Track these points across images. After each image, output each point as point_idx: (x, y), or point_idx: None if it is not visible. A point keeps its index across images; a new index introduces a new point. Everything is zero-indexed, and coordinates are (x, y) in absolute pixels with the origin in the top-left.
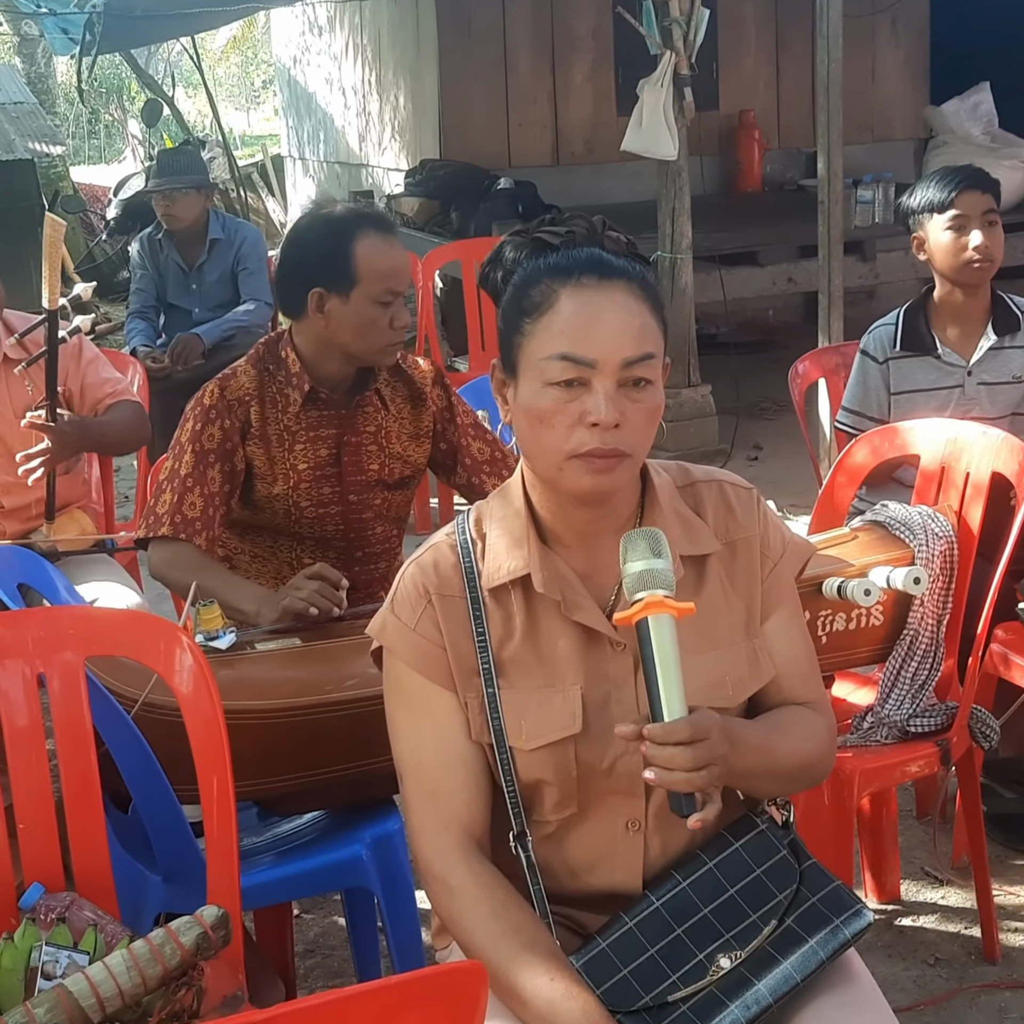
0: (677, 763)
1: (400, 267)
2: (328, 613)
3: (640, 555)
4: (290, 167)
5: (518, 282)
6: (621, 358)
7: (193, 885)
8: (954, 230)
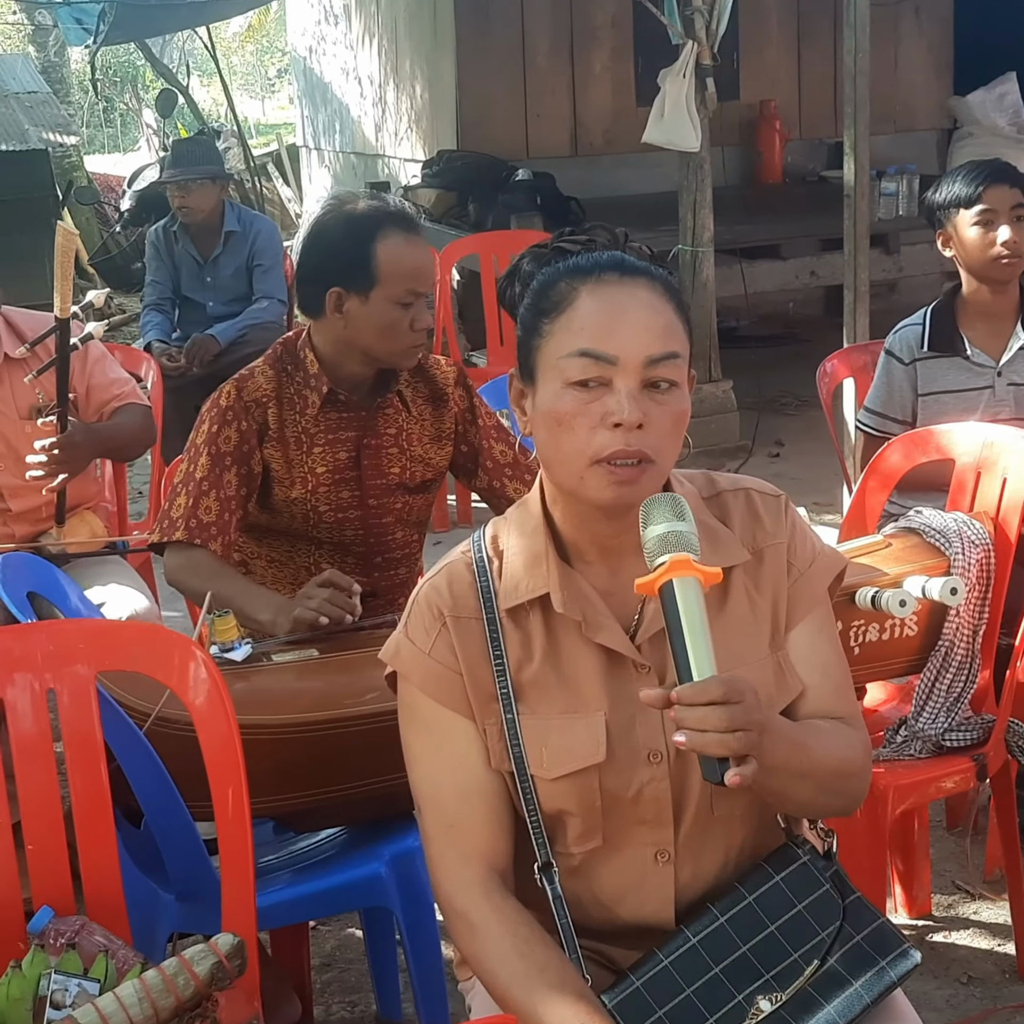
0: (710, 723)
1: (423, 267)
2: (340, 621)
3: (662, 518)
4: (305, 157)
5: (536, 287)
6: (645, 355)
7: (207, 904)
8: (981, 225)
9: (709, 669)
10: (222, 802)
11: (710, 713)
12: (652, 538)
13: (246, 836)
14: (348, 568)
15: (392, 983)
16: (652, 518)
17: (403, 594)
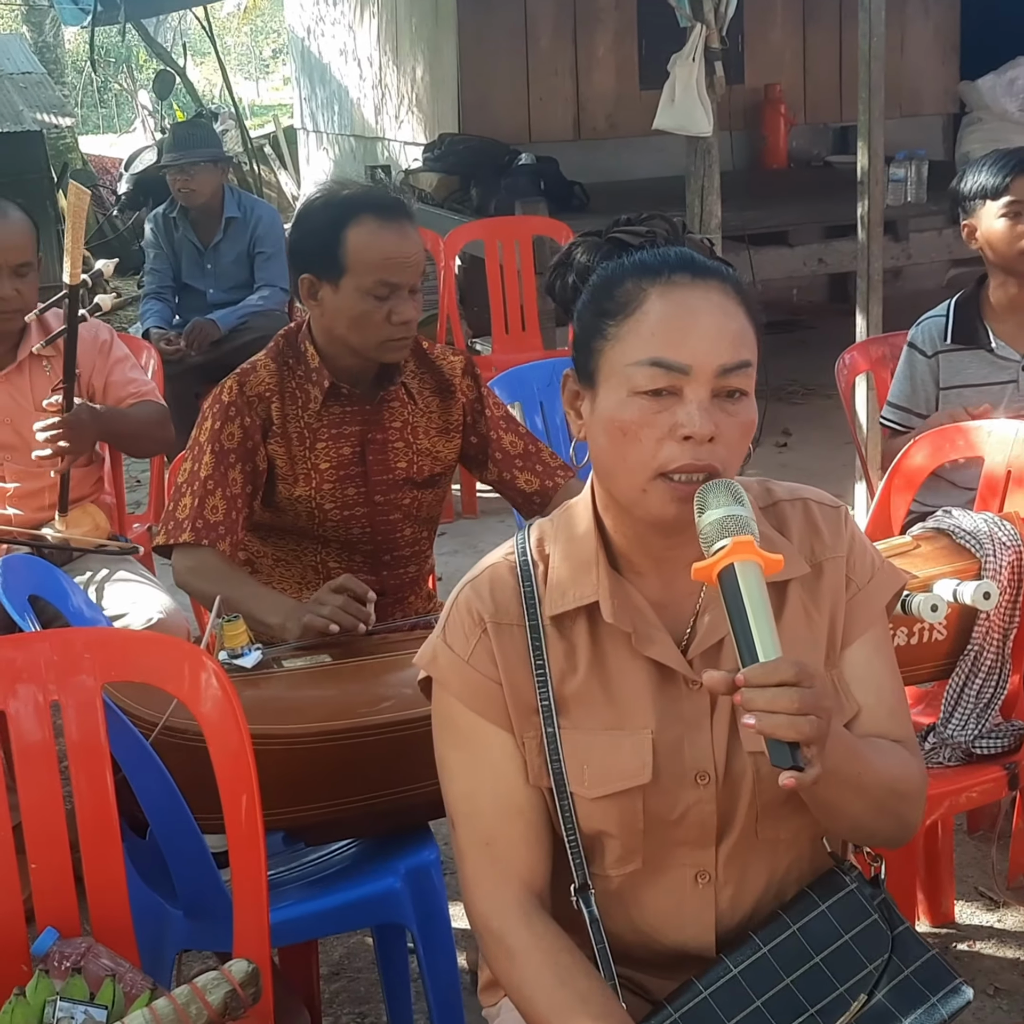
0: (781, 705)
1: (398, 258)
2: (353, 630)
3: (720, 502)
4: (303, 139)
5: (598, 282)
6: (717, 364)
7: (216, 921)
8: (1009, 217)
9: (775, 651)
10: (234, 816)
11: (781, 694)
12: (710, 522)
13: (259, 851)
14: (356, 567)
15: (404, 994)
16: (709, 503)
17: (413, 592)
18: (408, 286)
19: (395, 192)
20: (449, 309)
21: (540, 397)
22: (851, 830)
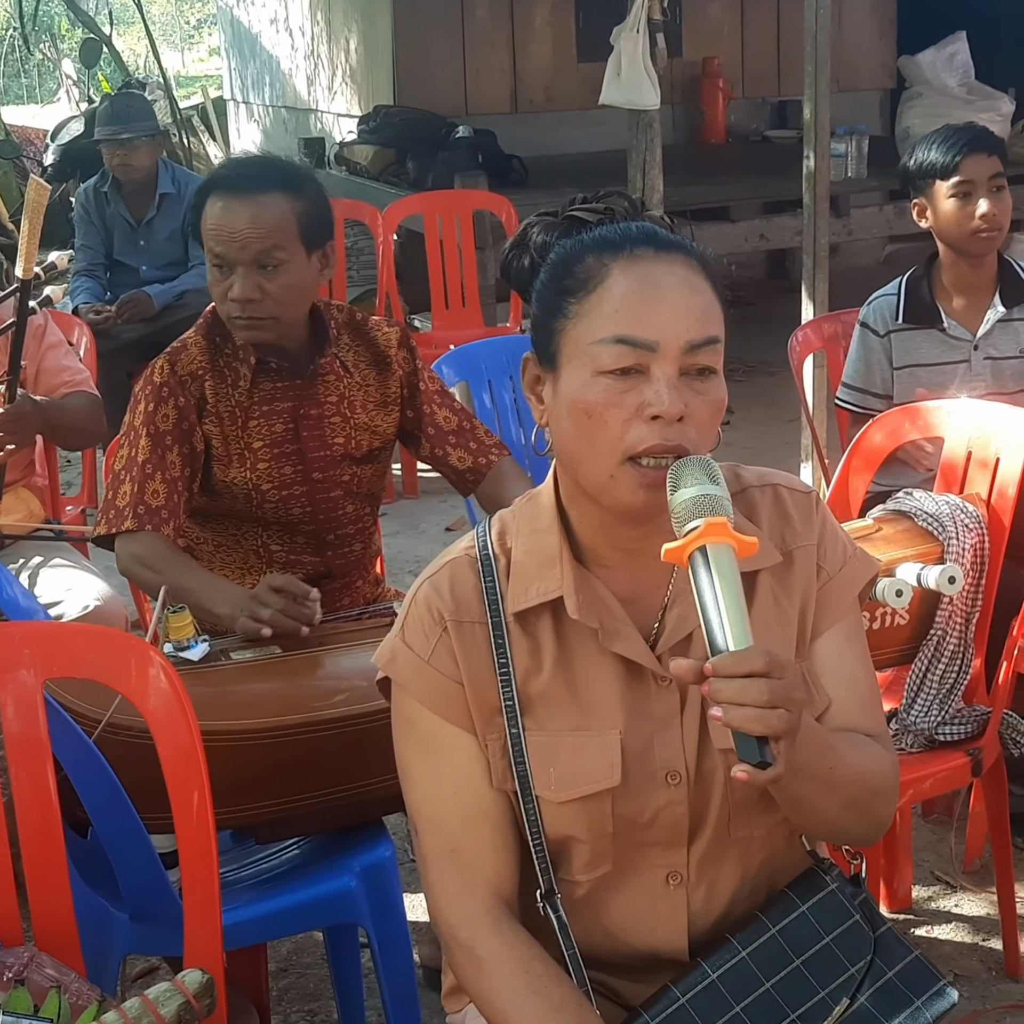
0: (750, 697)
1: (226, 229)
2: (295, 633)
3: (694, 480)
4: (233, 111)
5: (556, 260)
6: (685, 340)
7: (164, 924)
8: (959, 198)
9: (746, 640)
10: (184, 816)
11: (750, 685)
12: (683, 501)
13: (211, 852)
14: (299, 548)
15: (355, 991)
16: (682, 480)
17: (361, 576)
18: (245, 262)
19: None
20: (388, 284)
21: (488, 375)
22: (822, 827)
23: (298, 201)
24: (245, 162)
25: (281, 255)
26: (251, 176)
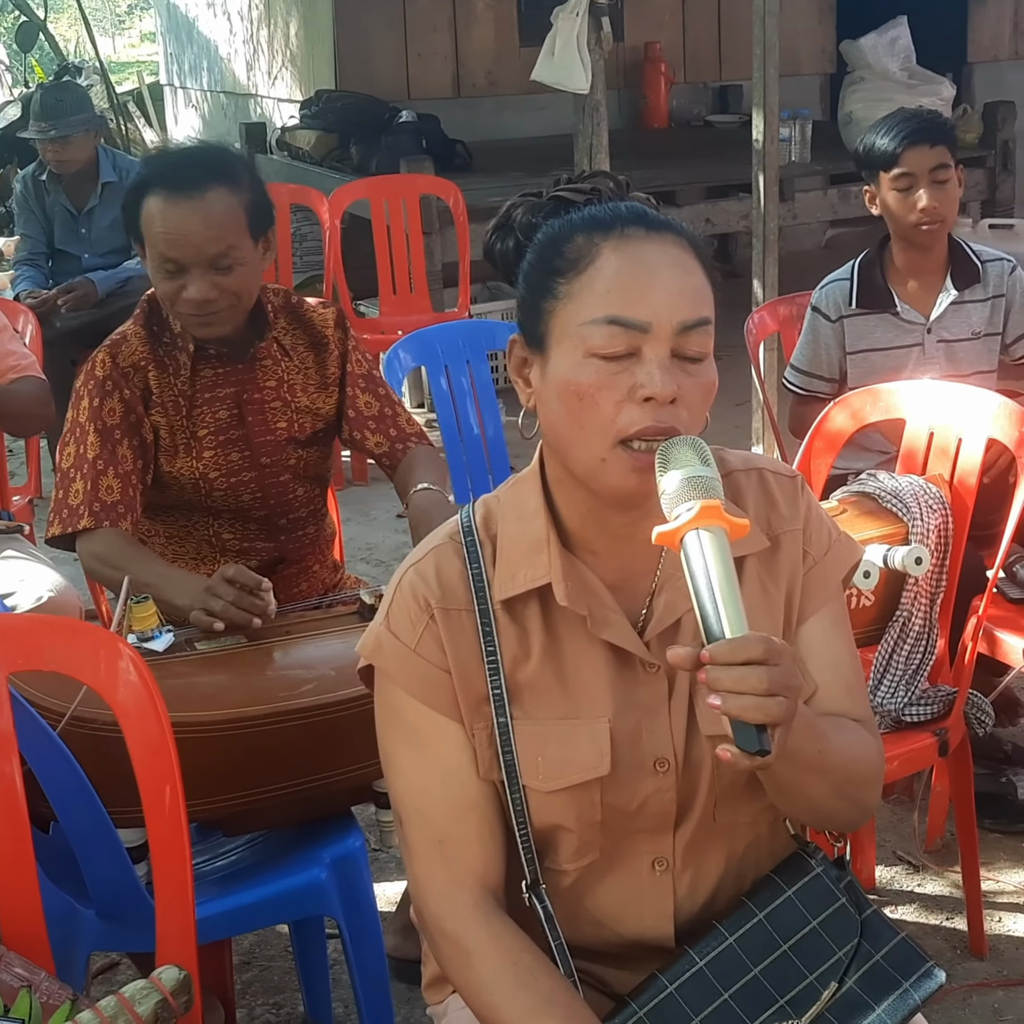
0: (749, 685)
1: (178, 234)
2: (247, 625)
3: (684, 461)
4: (170, 96)
5: (544, 240)
6: (678, 321)
7: (132, 920)
8: (899, 190)
9: (741, 627)
10: (156, 809)
11: (749, 673)
12: (675, 482)
13: (183, 846)
14: (252, 535)
15: (321, 983)
16: (672, 462)
17: (317, 561)
18: (200, 264)
19: (230, 154)
20: (335, 270)
21: (445, 360)
22: (809, 812)
23: (242, 193)
24: (180, 155)
25: (236, 254)
26: (190, 171)
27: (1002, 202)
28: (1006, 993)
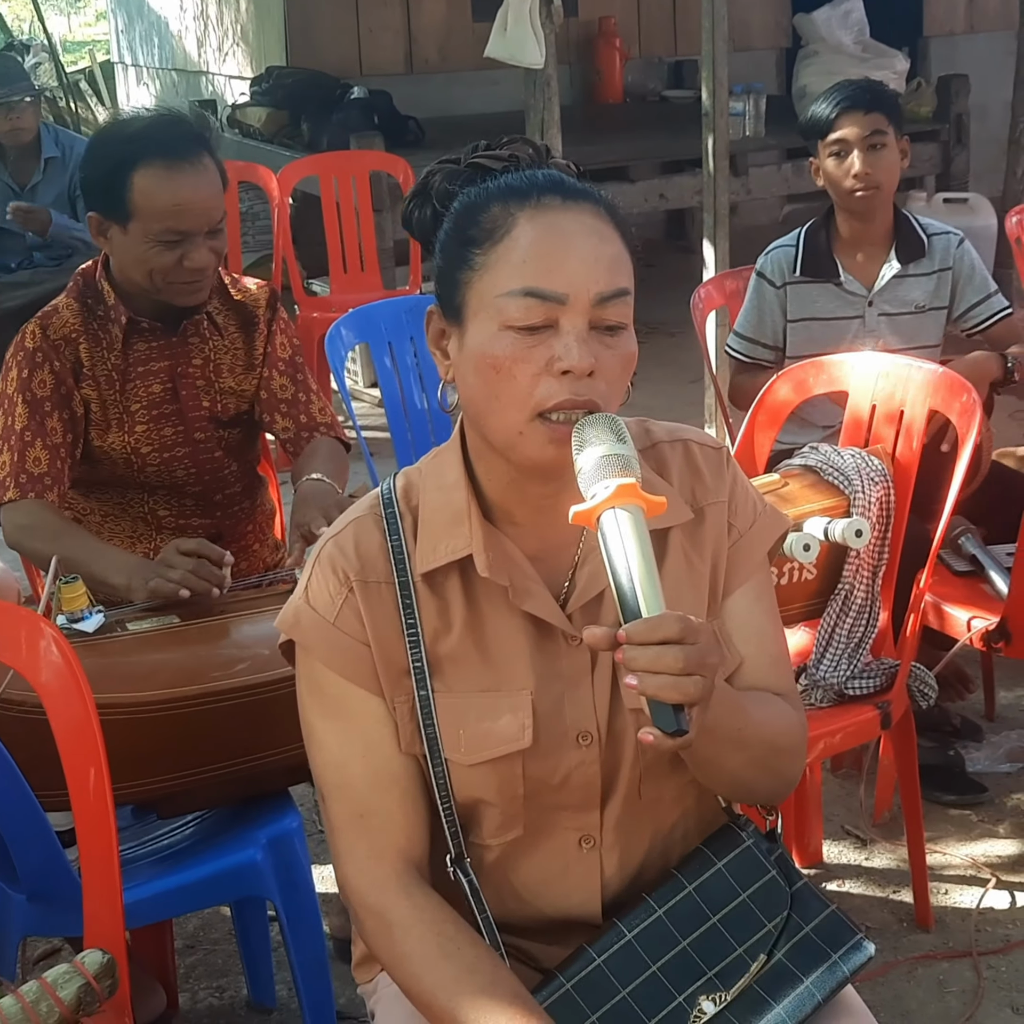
0: (664, 664)
1: (185, 204)
2: (207, 595)
3: (601, 439)
4: (121, 74)
5: (461, 209)
6: (595, 292)
7: (63, 904)
8: (835, 156)
9: (659, 606)
10: (81, 792)
11: (664, 653)
12: (591, 461)
13: (109, 828)
14: (188, 511)
15: (264, 965)
16: (588, 440)
17: (254, 535)
18: (202, 231)
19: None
20: (285, 248)
21: (388, 337)
22: (730, 786)
23: (215, 157)
24: (163, 127)
25: (223, 220)
26: (183, 141)
27: (956, 176)
28: (951, 965)
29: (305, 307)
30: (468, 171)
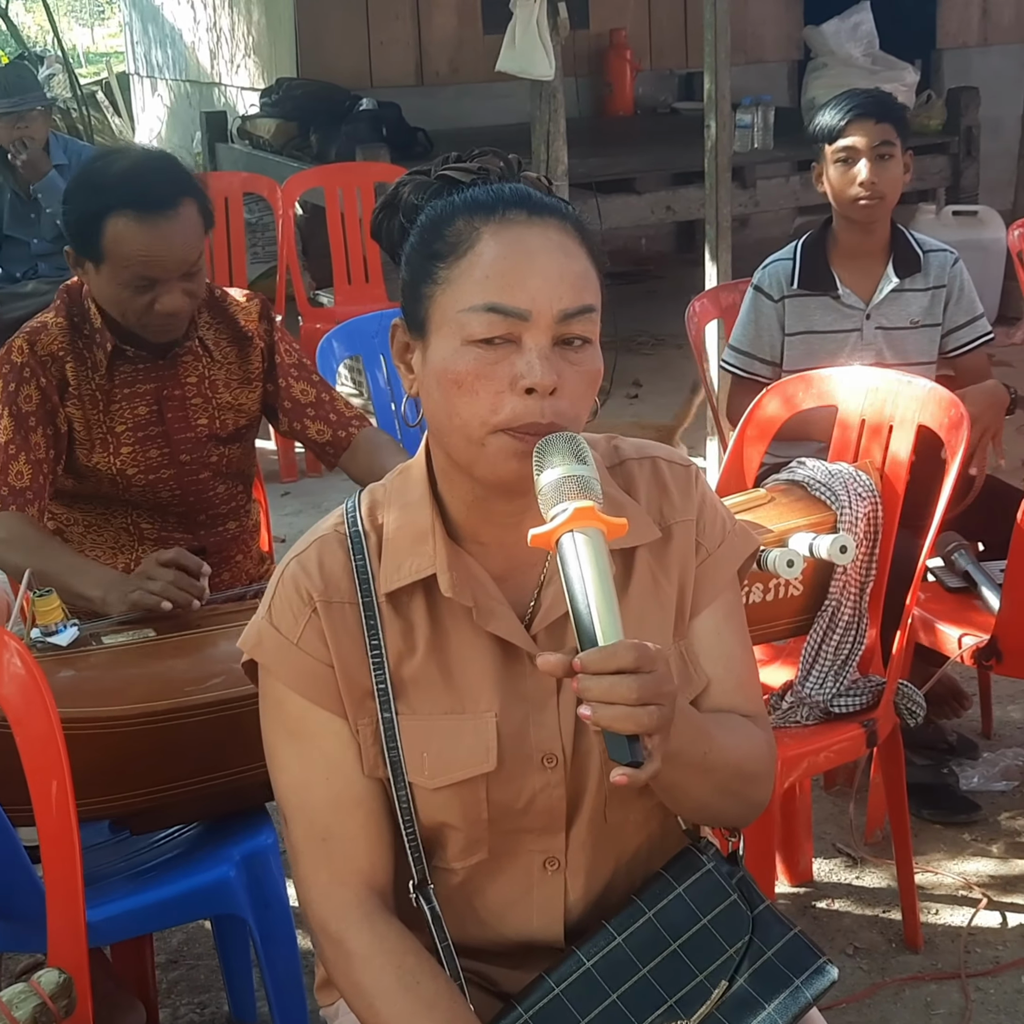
0: (618, 695)
1: (157, 254)
2: (187, 606)
3: (561, 460)
4: (137, 85)
5: (426, 222)
6: (558, 309)
7: (31, 921)
8: (842, 162)
9: (616, 634)
10: (44, 807)
11: (618, 683)
12: (548, 483)
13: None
14: (170, 527)
15: (245, 981)
16: (548, 461)
17: (241, 552)
18: (174, 276)
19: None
20: (289, 260)
21: (381, 349)
22: (695, 811)
23: (199, 201)
24: (139, 171)
25: (200, 261)
26: (159, 188)
27: (966, 189)
28: (939, 986)
29: (308, 318)
30: (437, 183)
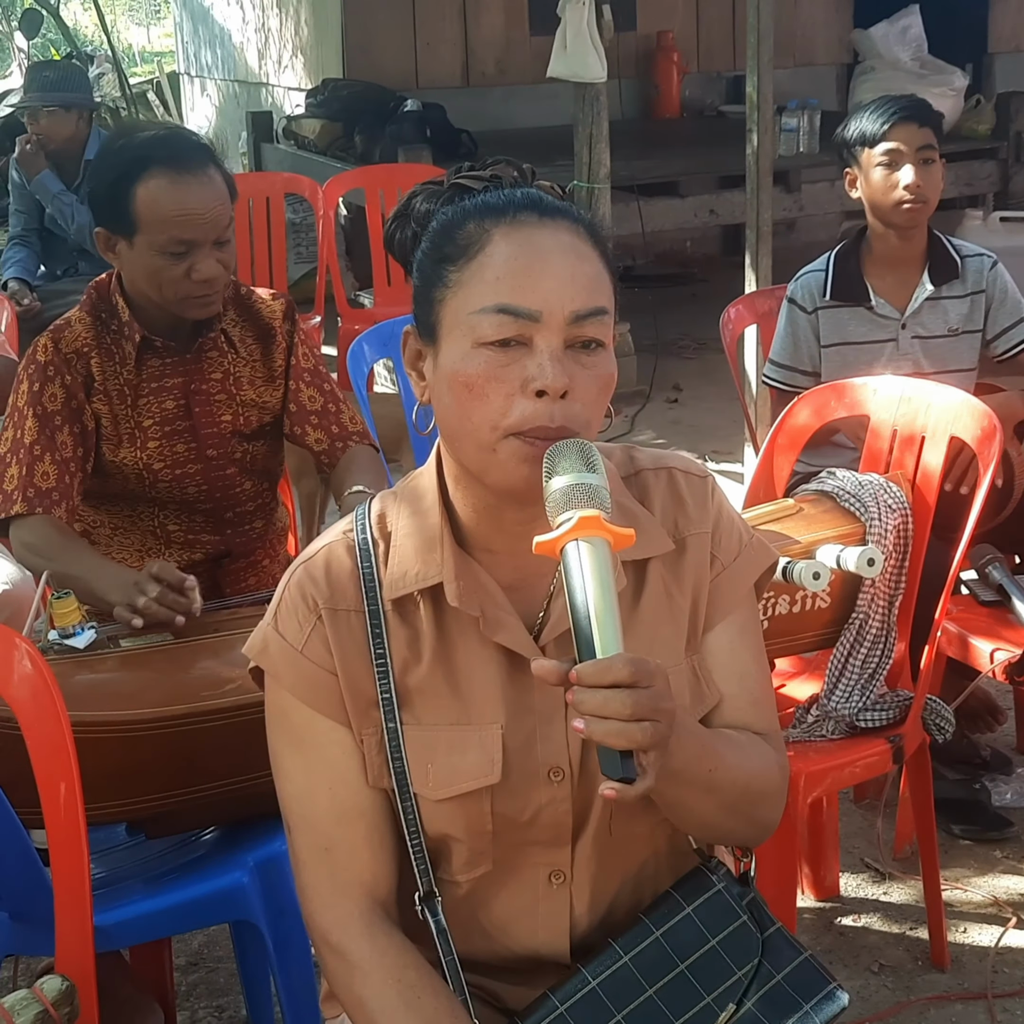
0: (611, 710)
1: (192, 214)
2: (170, 623)
3: (570, 467)
4: (186, 86)
5: (437, 227)
6: (570, 311)
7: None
8: (885, 166)
9: (615, 646)
10: (53, 809)
11: (612, 698)
12: (557, 490)
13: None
14: (197, 527)
15: (263, 987)
16: (558, 467)
17: (264, 551)
18: (209, 241)
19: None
20: (329, 260)
21: None
22: (701, 829)
23: (222, 168)
24: (164, 140)
25: (230, 230)
26: (187, 151)
27: (1015, 194)
28: (965, 1007)
29: (347, 319)
30: (449, 192)
